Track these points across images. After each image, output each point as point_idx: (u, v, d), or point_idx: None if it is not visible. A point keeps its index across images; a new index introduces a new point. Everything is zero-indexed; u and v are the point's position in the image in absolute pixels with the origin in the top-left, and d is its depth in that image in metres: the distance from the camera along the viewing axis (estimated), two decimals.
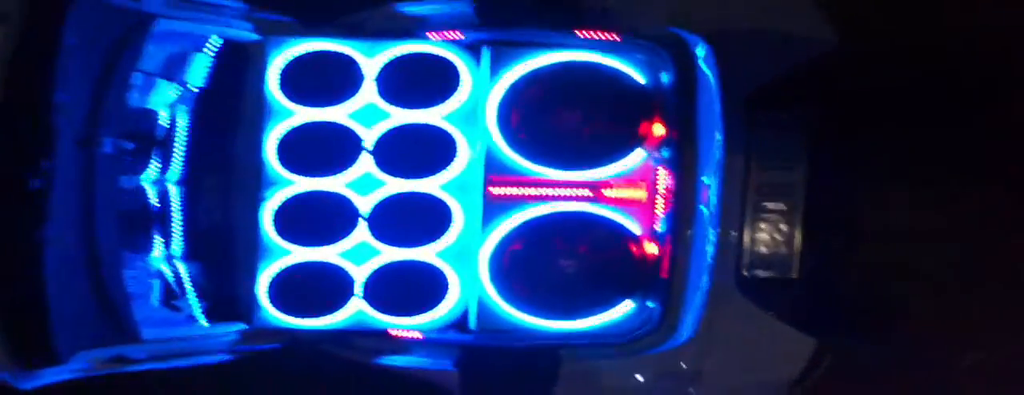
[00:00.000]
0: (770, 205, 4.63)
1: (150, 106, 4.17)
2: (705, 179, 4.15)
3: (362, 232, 4.34)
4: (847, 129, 4.79)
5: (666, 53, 4.26)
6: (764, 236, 4.63)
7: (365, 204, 4.34)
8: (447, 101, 4.33)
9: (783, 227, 4.64)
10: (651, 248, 4.30)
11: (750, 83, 4.56)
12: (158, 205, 4.26)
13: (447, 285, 4.34)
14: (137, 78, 3.93)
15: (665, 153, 4.26)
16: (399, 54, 4.34)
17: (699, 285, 4.24)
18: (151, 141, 4.20)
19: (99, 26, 3.66)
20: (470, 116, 4.34)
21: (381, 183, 4.35)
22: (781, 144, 4.65)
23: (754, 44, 4.56)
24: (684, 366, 4.53)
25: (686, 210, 4.10)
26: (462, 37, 4.34)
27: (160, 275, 4.28)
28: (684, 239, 4.10)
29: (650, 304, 4.31)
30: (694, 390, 4.57)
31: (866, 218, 4.79)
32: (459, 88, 4.33)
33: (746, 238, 4.60)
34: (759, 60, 4.58)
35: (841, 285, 4.77)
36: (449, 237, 4.34)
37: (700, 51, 4.25)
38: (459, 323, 4.38)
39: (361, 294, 4.34)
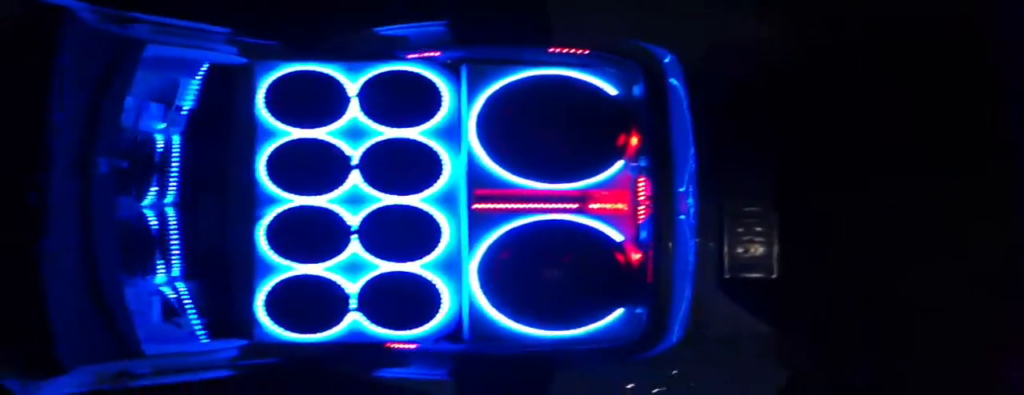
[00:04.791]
0: (747, 209, 4.68)
1: (144, 129, 4.31)
2: (681, 188, 4.23)
3: (354, 246, 4.43)
4: (815, 128, 4.83)
5: (636, 65, 4.36)
6: (744, 239, 4.70)
7: (355, 219, 4.44)
8: (429, 118, 4.46)
9: (758, 229, 4.69)
10: (635, 255, 4.37)
11: (718, 90, 4.63)
12: (157, 228, 4.36)
13: (439, 296, 4.41)
14: (129, 102, 4.07)
15: (643, 162, 4.36)
16: (380, 73, 4.47)
17: (684, 291, 4.29)
18: (149, 165, 4.32)
19: (90, 51, 3.82)
20: (452, 132, 4.45)
21: (371, 198, 4.45)
22: (753, 147, 4.71)
23: (718, 52, 4.67)
24: (674, 371, 4.57)
25: (666, 220, 4.18)
26: (439, 55, 4.46)
27: (160, 292, 4.37)
28: (666, 249, 4.16)
29: (639, 311, 4.36)
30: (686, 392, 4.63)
31: (838, 215, 4.79)
32: (440, 105, 4.46)
33: (726, 241, 4.68)
34: (724, 68, 4.69)
35: (820, 281, 4.76)
36: (438, 249, 4.43)
37: (667, 62, 4.34)
38: (453, 333, 4.45)
39: (356, 307, 4.41)
